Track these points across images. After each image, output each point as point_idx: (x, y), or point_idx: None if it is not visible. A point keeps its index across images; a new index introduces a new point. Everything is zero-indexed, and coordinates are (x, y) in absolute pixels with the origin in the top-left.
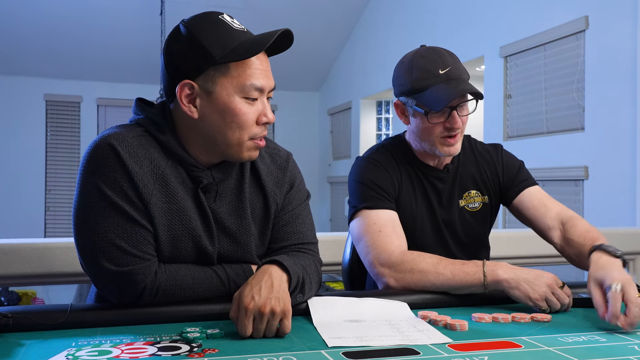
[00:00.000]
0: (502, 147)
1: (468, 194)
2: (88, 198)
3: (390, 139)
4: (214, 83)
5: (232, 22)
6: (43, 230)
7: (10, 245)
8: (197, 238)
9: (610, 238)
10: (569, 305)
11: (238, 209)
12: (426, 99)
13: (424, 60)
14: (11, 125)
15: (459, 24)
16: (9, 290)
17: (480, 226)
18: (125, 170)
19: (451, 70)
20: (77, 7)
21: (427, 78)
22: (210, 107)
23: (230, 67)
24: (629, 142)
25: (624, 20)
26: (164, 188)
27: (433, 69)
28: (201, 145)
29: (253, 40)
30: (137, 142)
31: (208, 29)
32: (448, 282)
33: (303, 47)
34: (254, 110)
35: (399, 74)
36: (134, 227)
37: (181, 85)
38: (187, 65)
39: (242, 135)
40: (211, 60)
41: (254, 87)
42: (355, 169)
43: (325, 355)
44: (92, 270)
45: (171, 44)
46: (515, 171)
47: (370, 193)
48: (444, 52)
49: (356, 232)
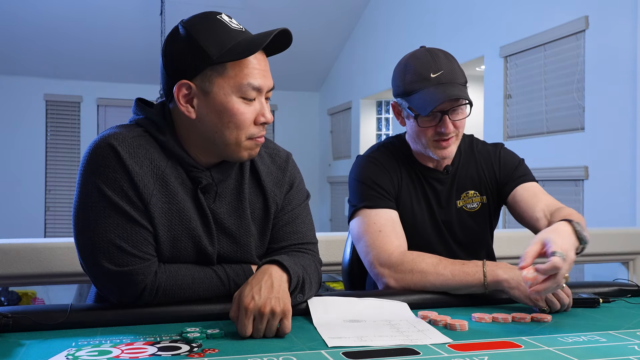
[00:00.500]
0: (502, 145)
1: (466, 195)
2: (88, 198)
3: (391, 139)
4: (211, 83)
5: (230, 22)
6: (43, 230)
7: (10, 245)
8: (197, 238)
9: (610, 238)
10: (569, 305)
11: (237, 210)
12: (415, 102)
13: (417, 62)
14: (11, 125)
15: (459, 24)
16: (9, 290)
17: (480, 227)
18: (125, 170)
19: (443, 74)
20: (77, 7)
21: (418, 81)
22: (208, 107)
23: (227, 67)
24: (629, 142)
25: (624, 20)
26: (164, 188)
27: (425, 72)
28: (200, 146)
29: (250, 39)
30: (137, 142)
31: (206, 29)
32: (448, 283)
33: (303, 47)
34: (252, 110)
35: (395, 75)
36: (134, 227)
37: (179, 85)
38: (184, 66)
39: (239, 135)
40: (208, 60)
41: (251, 87)
42: (355, 168)
43: (325, 355)
44: (92, 271)
45: (169, 44)
46: (512, 167)
47: (370, 192)
48: (441, 54)
49: (356, 231)
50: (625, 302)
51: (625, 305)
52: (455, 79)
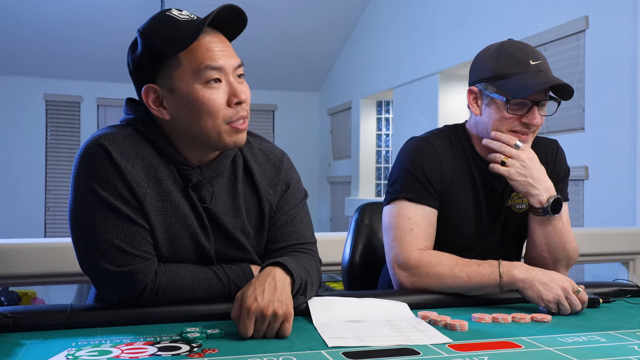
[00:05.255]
0: (558, 143)
1: (516, 194)
2: (83, 200)
3: (451, 126)
4: (172, 78)
5: (179, 15)
6: (43, 230)
7: (10, 245)
8: (194, 235)
9: (610, 238)
10: (582, 310)
11: (232, 208)
12: (511, 85)
13: (513, 48)
14: (11, 125)
15: (458, 24)
16: (9, 290)
17: (523, 228)
18: (118, 170)
19: (542, 64)
20: (77, 7)
21: (515, 65)
22: (177, 104)
23: (181, 58)
24: (629, 142)
25: (624, 20)
26: (157, 186)
27: (524, 58)
28: (187, 143)
29: (195, 24)
30: (128, 141)
31: (156, 28)
32: (464, 285)
33: (303, 47)
34: (220, 93)
35: (484, 59)
36: (131, 227)
37: (145, 91)
38: (144, 70)
39: (215, 122)
40: (161, 57)
41: (210, 69)
42: (407, 150)
43: (325, 355)
44: (91, 272)
45: (129, 54)
46: (560, 177)
47: (415, 184)
48: (534, 48)
49: (387, 220)
50: (625, 302)
51: (625, 305)
52: (550, 70)
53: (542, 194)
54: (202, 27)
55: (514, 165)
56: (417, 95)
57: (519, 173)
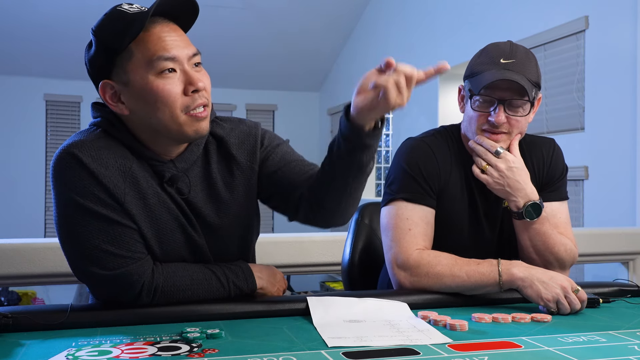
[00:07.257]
0: (555, 142)
1: None
2: (65, 210)
3: (447, 126)
4: (126, 72)
5: (130, 8)
6: (43, 230)
7: (10, 245)
8: (182, 227)
9: (610, 238)
10: (581, 308)
11: (211, 196)
12: (475, 81)
13: (494, 48)
14: (11, 125)
15: (458, 24)
16: (9, 290)
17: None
18: (92, 175)
19: (514, 64)
20: (77, 7)
21: (487, 63)
22: (133, 97)
23: (132, 50)
24: (629, 142)
25: (624, 20)
26: (134, 185)
27: (496, 57)
28: (152, 137)
29: (142, 15)
30: (97, 144)
31: (106, 24)
32: (464, 284)
33: (303, 47)
34: (175, 82)
35: (471, 58)
36: (116, 229)
37: (101, 87)
38: (99, 67)
39: (172, 112)
40: (112, 52)
41: (162, 59)
42: (404, 149)
43: (325, 355)
44: (85, 279)
45: (85, 54)
46: (556, 176)
47: (412, 184)
48: (522, 49)
49: (386, 221)
50: (625, 302)
51: (625, 305)
52: (525, 72)
53: (518, 200)
54: (147, 17)
55: (492, 175)
56: (417, 96)
57: (497, 182)
